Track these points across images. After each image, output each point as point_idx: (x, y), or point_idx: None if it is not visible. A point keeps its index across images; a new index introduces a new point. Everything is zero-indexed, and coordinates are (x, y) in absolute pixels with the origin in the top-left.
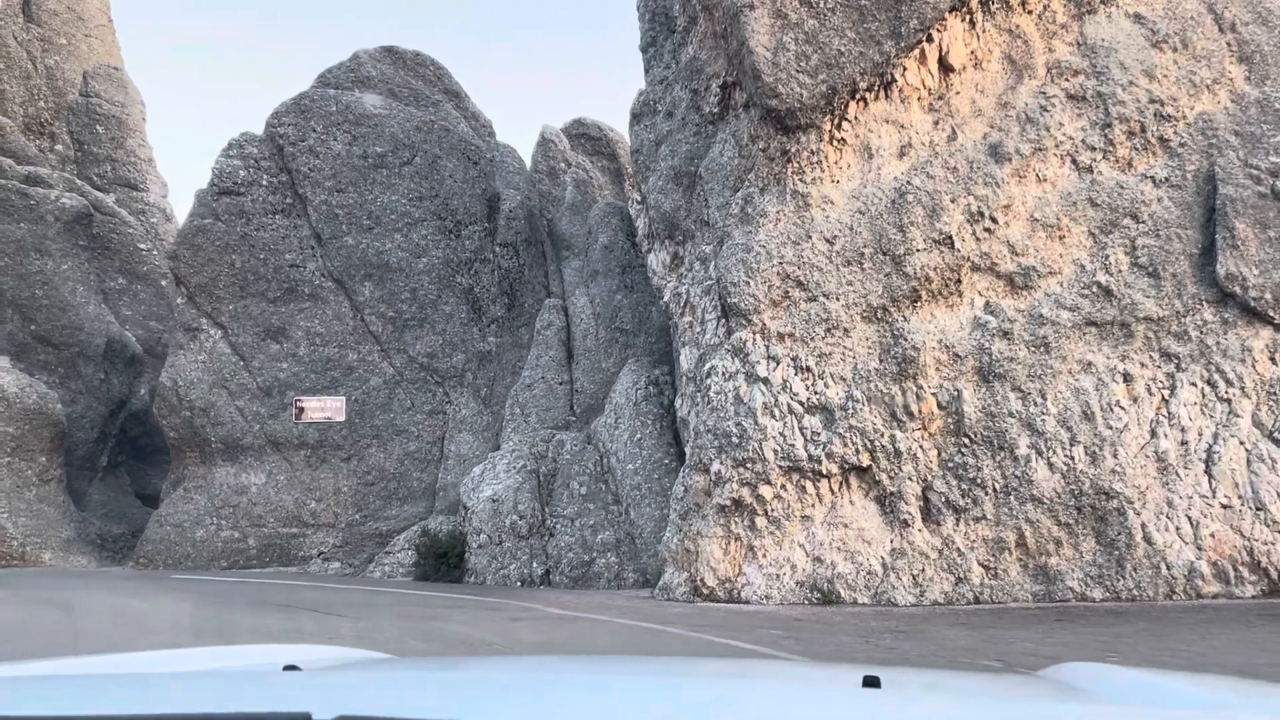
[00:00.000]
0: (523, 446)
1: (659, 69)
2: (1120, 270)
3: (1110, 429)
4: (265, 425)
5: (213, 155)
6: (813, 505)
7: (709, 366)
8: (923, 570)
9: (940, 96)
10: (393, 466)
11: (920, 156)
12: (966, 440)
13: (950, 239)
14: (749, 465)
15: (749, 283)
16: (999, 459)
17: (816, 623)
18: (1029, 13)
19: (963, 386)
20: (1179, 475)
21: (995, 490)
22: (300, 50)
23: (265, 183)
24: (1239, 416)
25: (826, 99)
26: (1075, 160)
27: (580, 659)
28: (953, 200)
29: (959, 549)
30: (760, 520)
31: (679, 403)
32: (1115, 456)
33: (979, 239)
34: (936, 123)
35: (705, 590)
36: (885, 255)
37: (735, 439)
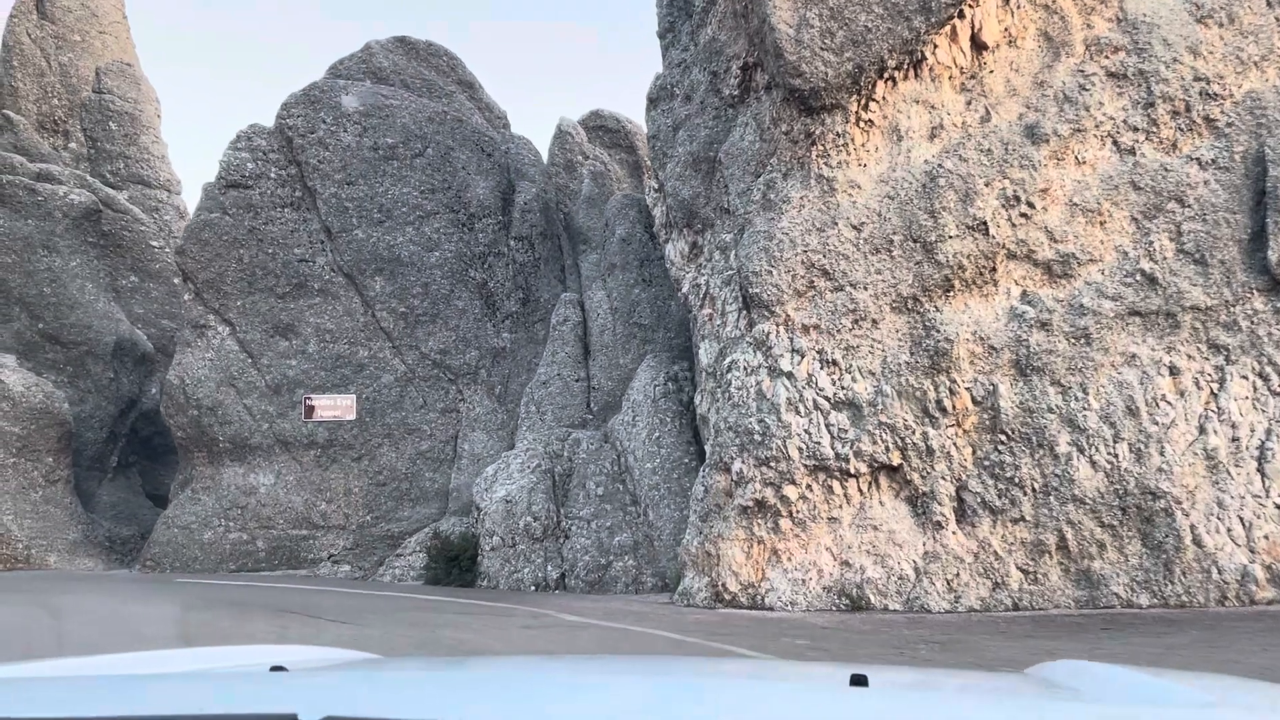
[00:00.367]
0: (537, 445)
1: (676, 52)
2: (1165, 257)
3: (1156, 425)
4: (274, 424)
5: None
6: (840, 506)
7: (730, 361)
8: (957, 575)
9: (973, 76)
10: (404, 466)
11: (952, 138)
12: (1003, 437)
13: (984, 225)
14: (772, 464)
15: (771, 272)
16: (1038, 457)
17: (845, 631)
18: None
19: (999, 381)
20: (1229, 474)
21: (1034, 490)
22: (319, 43)
23: (274, 175)
24: None
25: (853, 78)
26: (1116, 141)
27: (566, 659)
28: (987, 184)
29: (996, 552)
30: (784, 522)
31: (698, 399)
32: (1162, 454)
33: (1015, 225)
34: (969, 103)
35: (727, 596)
36: (915, 242)
37: (758, 437)
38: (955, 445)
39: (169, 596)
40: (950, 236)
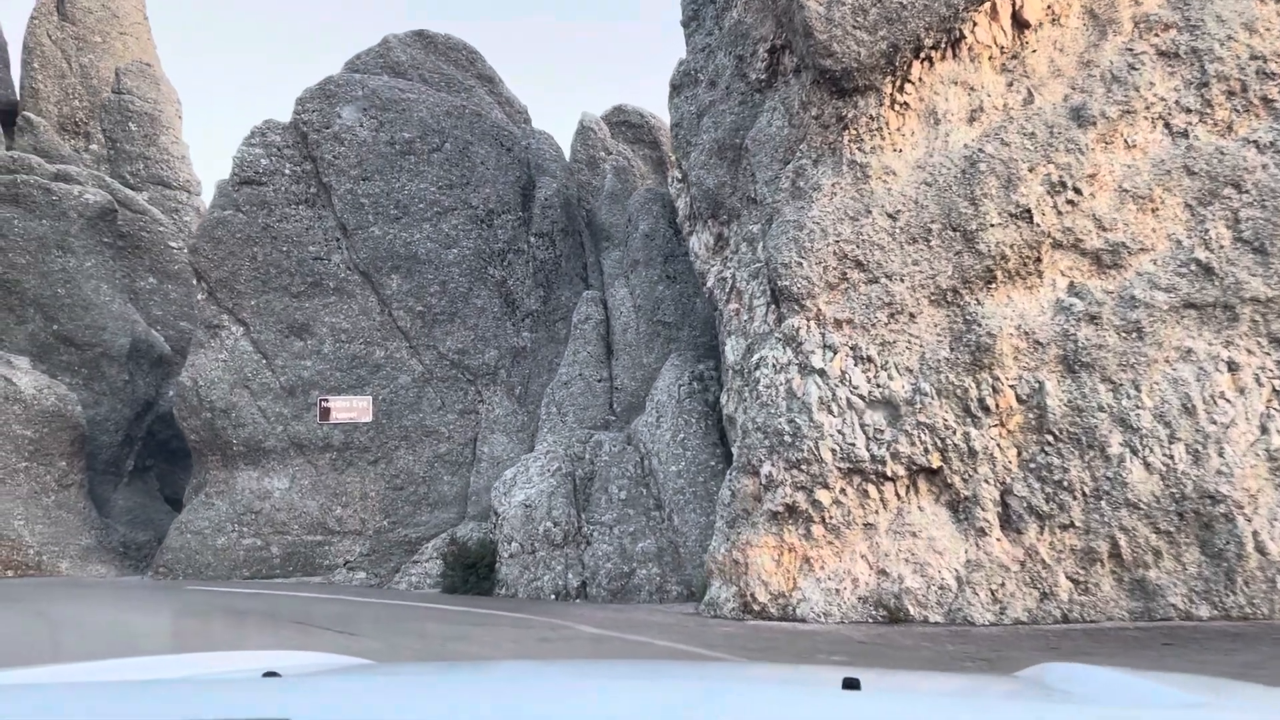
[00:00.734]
0: (557, 447)
1: (700, 36)
2: (1222, 245)
3: (1214, 424)
4: (288, 427)
5: None
6: (876, 511)
7: (758, 358)
8: (1002, 585)
9: (1014, 56)
10: (422, 470)
11: (993, 121)
12: (1050, 438)
13: (1028, 212)
14: (804, 467)
15: (801, 264)
16: (1088, 459)
17: (884, 646)
18: None
19: (1045, 378)
20: None
21: (1084, 494)
22: (345, 41)
23: (288, 171)
24: None
25: (887, 58)
26: (1168, 124)
27: (560, 663)
28: (1031, 169)
29: (1044, 561)
30: (817, 528)
31: (725, 399)
32: (1221, 455)
33: (1061, 212)
34: (1011, 84)
35: (756, 606)
36: (955, 231)
37: (788, 438)
38: (999, 446)
39: (173, 605)
40: (992, 225)
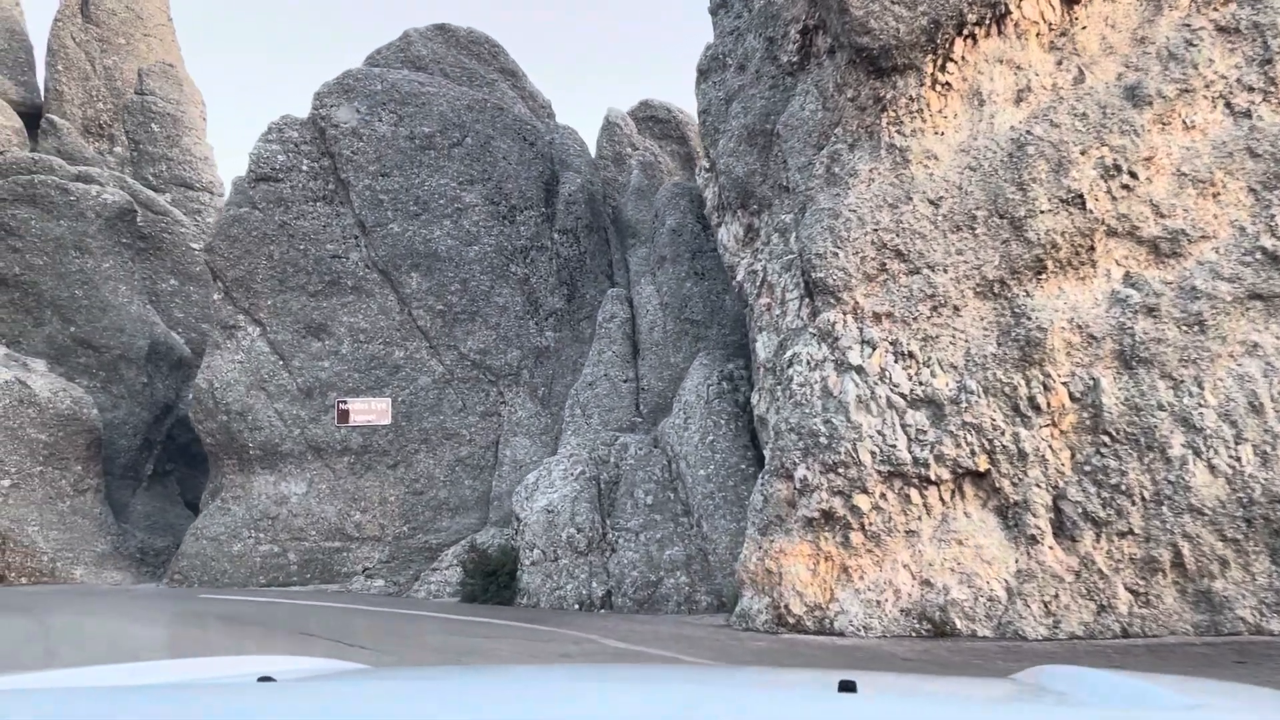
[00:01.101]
0: (581, 450)
1: (729, 19)
2: None
3: None
4: (306, 429)
5: None
6: (919, 518)
7: (791, 354)
8: (1056, 596)
9: (1063, 33)
10: (443, 474)
11: (1042, 102)
12: (1106, 439)
13: (1080, 198)
14: (841, 470)
15: (837, 254)
16: (1147, 461)
17: (930, 662)
18: None
19: (1100, 374)
20: None
21: (1144, 499)
22: (373, 39)
23: (306, 168)
24: None
25: (928, 35)
26: (1229, 103)
27: (558, 667)
28: (1083, 152)
29: (1100, 570)
30: (855, 535)
31: (756, 398)
32: None
33: (1115, 198)
34: (1060, 62)
35: (790, 619)
36: (1002, 218)
37: (824, 439)
38: (1051, 448)
39: (181, 615)
40: (1041, 211)
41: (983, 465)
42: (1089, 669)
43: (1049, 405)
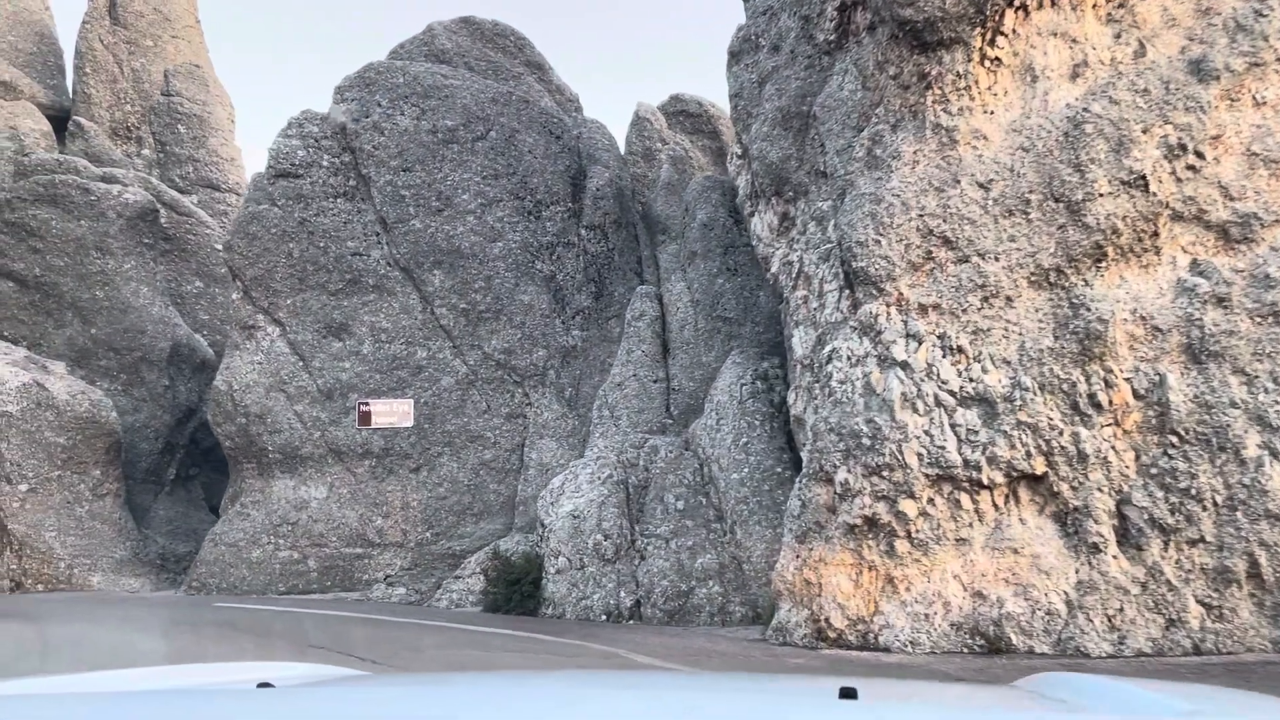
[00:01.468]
0: (609, 453)
1: None
2: None
3: None
4: (326, 432)
5: None
6: (970, 524)
7: (830, 350)
8: (1120, 610)
9: (1121, 4)
10: (466, 478)
11: (1099, 77)
12: (1174, 439)
13: (1143, 180)
14: (885, 473)
15: (879, 241)
16: (1219, 463)
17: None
18: None
19: (1166, 369)
20: None
21: (1215, 504)
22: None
23: (326, 164)
24: None
25: (976, 6)
26: None
27: (557, 673)
28: (1144, 131)
29: (1169, 582)
30: (901, 544)
31: (792, 397)
32: None
33: (1180, 179)
34: (1118, 35)
35: (831, 633)
36: (1058, 202)
37: (866, 440)
38: (1114, 449)
39: (190, 626)
40: (1101, 194)
41: (1039, 468)
42: (1090, 675)
43: (1111, 403)
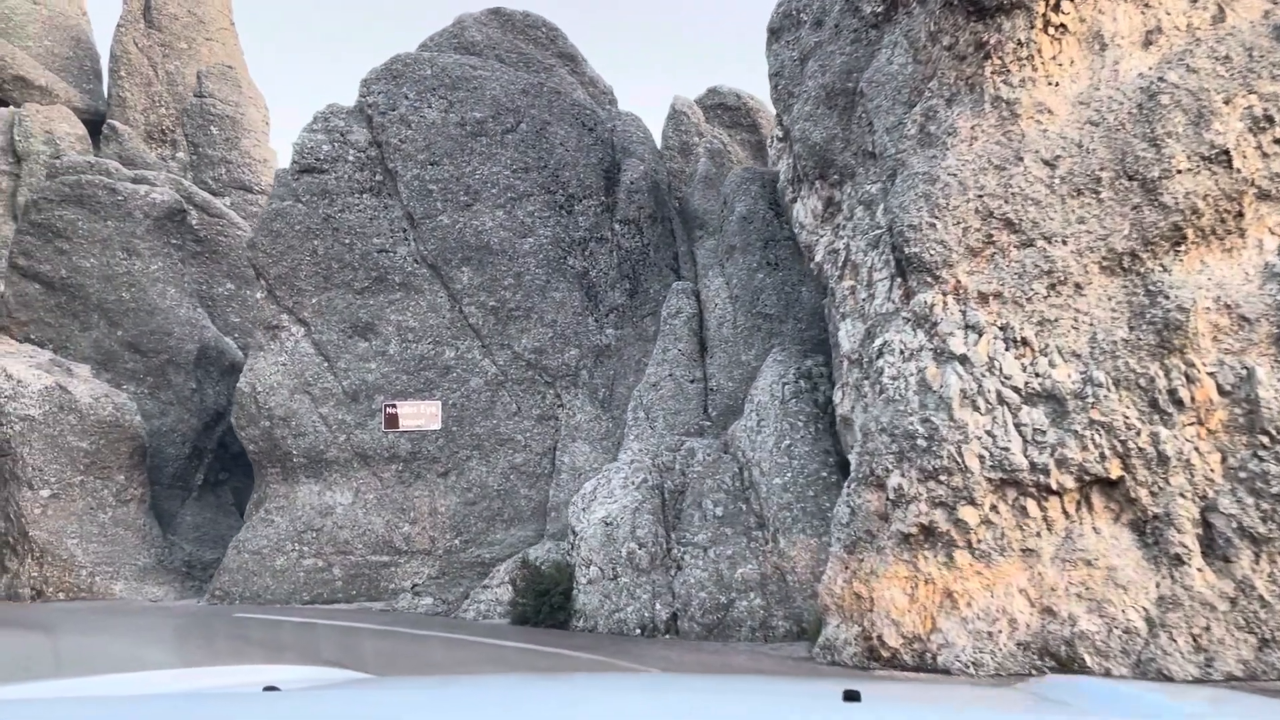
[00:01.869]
0: (644, 457)
1: None
2: None
3: None
4: (352, 435)
5: None
6: (1038, 534)
7: (880, 343)
8: (1207, 628)
9: None
10: (496, 482)
11: (1175, 44)
12: (1265, 439)
13: (1225, 155)
14: (943, 478)
15: (935, 225)
16: None
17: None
18: None
19: (1255, 363)
20: None
21: None
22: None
23: (351, 159)
24: None
25: None
26: None
27: (562, 676)
28: (1226, 101)
29: (1261, 598)
30: (961, 555)
31: (838, 396)
32: None
33: (1267, 155)
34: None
35: (885, 652)
36: (1131, 180)
37: (922, 441)
38: (1197, 451)
39: (206, 639)
40: (1179, 171)
41: (1114, 471)
42: (1091, 678)
43: (1193, 400)
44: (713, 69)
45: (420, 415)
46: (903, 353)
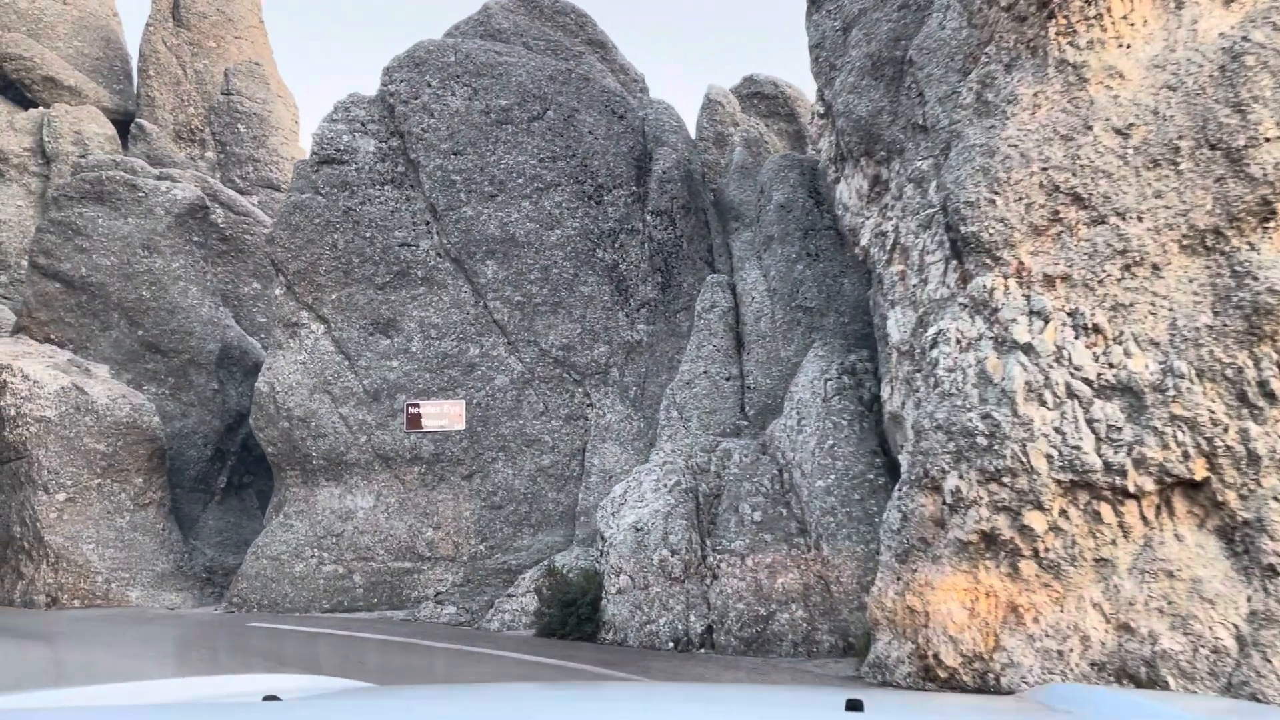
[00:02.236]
0: (677, 458)
1: None
2: None
3: None
4: (373, 436)
5: None
6: (1114, 541)
7: (934, 332)
8: None
9: None
10: (523, 485)
11: (1261, 1)
12: None
13: None
14: (1006, 479)
15: (994, 201)
16: None
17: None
18: None
19: None
20: None
21: None
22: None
23: (373, 149)
24: None
25: None
26: None
27: (564, 685)
28: None
29: None
30: (1027, 565)
31: (886, 391)
32: None
33: None
34: None
35: (942, 672)
36: (1214, 150)
37: (982, 439)
38: None
39: (210, 654)
40: (1267, 139)
41: (1199, 472)
42: (1097, 687)
43: None
44: (748, 58)
45: (443, 415)
46: (959, 342)
